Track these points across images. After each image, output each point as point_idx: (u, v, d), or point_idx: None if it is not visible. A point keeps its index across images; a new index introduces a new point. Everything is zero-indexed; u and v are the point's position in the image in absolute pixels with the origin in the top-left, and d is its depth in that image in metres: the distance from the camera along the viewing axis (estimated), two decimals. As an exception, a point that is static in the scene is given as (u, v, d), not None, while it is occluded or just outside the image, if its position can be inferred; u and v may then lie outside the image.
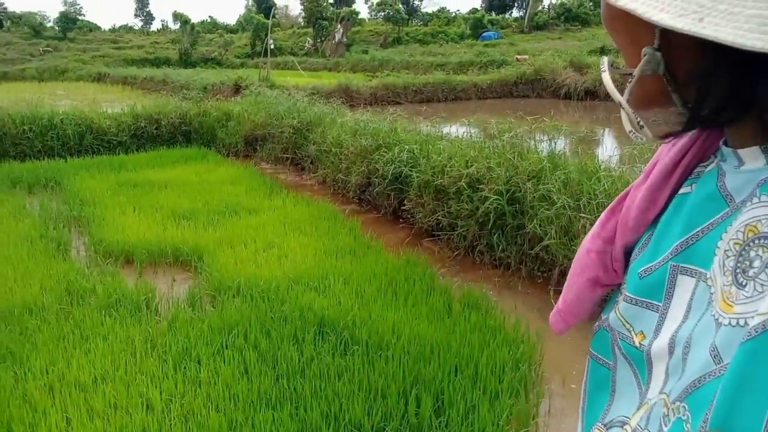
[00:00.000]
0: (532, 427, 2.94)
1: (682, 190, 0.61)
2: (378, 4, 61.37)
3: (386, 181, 6.66)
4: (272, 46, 21.73)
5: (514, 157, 5.58)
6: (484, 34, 47.29)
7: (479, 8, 60.77)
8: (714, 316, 0.49)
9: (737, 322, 0.45)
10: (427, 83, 19.97)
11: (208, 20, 74.08)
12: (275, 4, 57.89)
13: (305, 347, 3.36)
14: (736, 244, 0.49)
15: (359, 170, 7.31)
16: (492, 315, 3.95)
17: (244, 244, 5.29)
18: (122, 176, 7.96)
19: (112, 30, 67.90)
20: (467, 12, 61.51)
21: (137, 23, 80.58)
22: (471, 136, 7.21)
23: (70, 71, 31.53)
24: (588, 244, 0.70)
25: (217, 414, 2.81)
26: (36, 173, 8.00)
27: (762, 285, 0.45)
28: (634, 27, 0.52)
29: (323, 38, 43.75)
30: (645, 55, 0.52)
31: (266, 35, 22.53)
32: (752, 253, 0.47)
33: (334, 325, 3.61)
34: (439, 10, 68.55)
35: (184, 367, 3.20)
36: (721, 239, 0.52)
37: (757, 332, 0.41)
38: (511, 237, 5.15)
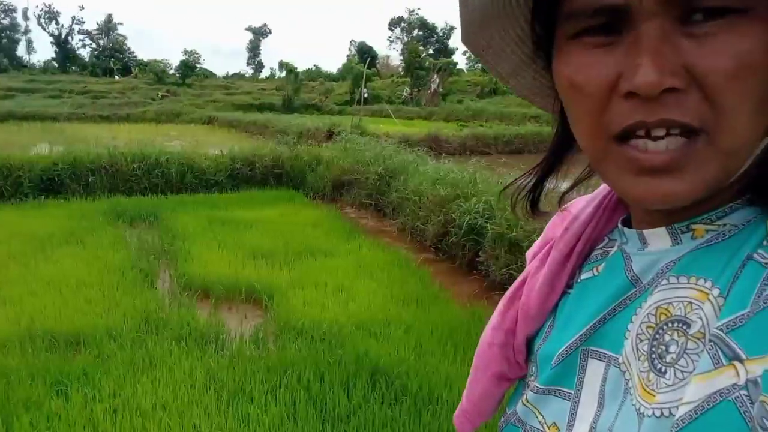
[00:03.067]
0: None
1: (584, 276, 0.59)
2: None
3: (462, 231, 6.65)
4: (366, 95, 22.49)
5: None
6: (584, 85, 46.51)
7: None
8: (635, 405, 0.47)
9: (662, 413, 0.43)
10: (518, 134, 19.86)
11: (313, 68, 77.93)
12: (376, 55, 60.15)
13: (355, 393, 3.38)
14: (648, 327, 0.48)
15: (436, 219, 7.34)
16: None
17: (315, 285, 5.43)
18: (214, 214, 8.43)
19: (226, 77, 72.91)
20: (567, 63, 60.76)
21: (248, 71, 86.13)
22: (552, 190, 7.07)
23: (184, 114, 34.00)
24: (488, 337, 0.67)
25: (260, 452, 2.88)
26: (139, 207, 8.64)
27: (683, 372, 0.44)
28: None
29: (420, 88, 44.75)
30: None
31: (362, 84, 23.40)
32: (667, 337, 0.46)
33: (387, 374, 3.62)
34: (538, 62, 68.23)
35: (237, 403, 3.31)
36: (632, 322, 0.50)
37: (684, 423, 0.40)
38: (583, 296, 4.96)
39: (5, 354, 3.91)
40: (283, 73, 49.37)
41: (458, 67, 57.77)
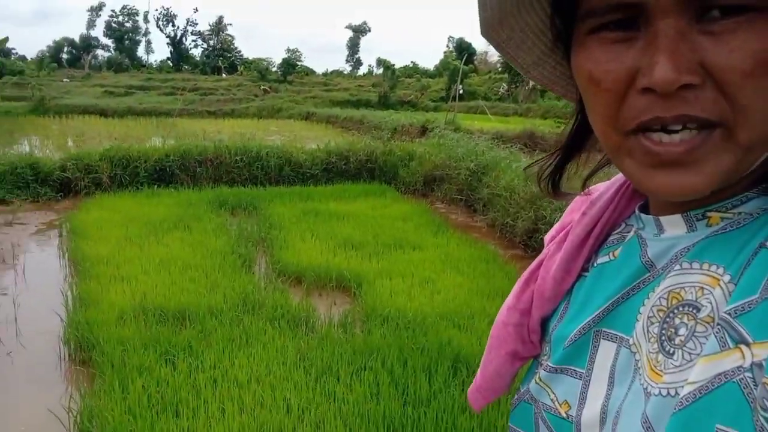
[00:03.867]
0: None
1: (601, 260, 0.61)
2: (578, 50, 59.93)
3: (552, 228, 6.56)
4: (461, 91, 22.40)
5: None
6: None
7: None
8: (643, 385, 0.48)
9: (668, 392, 0.45)
10: (620, 131, 19.04)
11: (410, 65, 78.29)
12: (474, 51, 59.58)
13: (436, 379, 3.48)
14: (660, 310, 0.49)
15: (527, 215, 7.28)
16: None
17: (402, 276, 5.57)
18: (308, 205, 8.79)
19: (325, 74, 74.82)
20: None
21: (347, 68, 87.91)
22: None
23: (284, 110, 35.30)
24: (504, 317, 0.69)
25: (344, 428, 3.05)
26: (239, 198, 9.16)
27: (690, 354, 0.45)
28: None
29: (518, 84, 43.89)
30: None
31: (459, 80, 23.34)
32: (677, 321, 0.47)
33: (468, 362, 3.69)
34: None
35: (324, 381, 3.50)
36: (644, 305, 0.52)
37: (688, 402, 0.42)
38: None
39: (122, 325, 4.34)
40: (381, 70, 49.99)
41: (558, 62, 56.01)
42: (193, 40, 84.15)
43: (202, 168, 10.59)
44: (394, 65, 46.60)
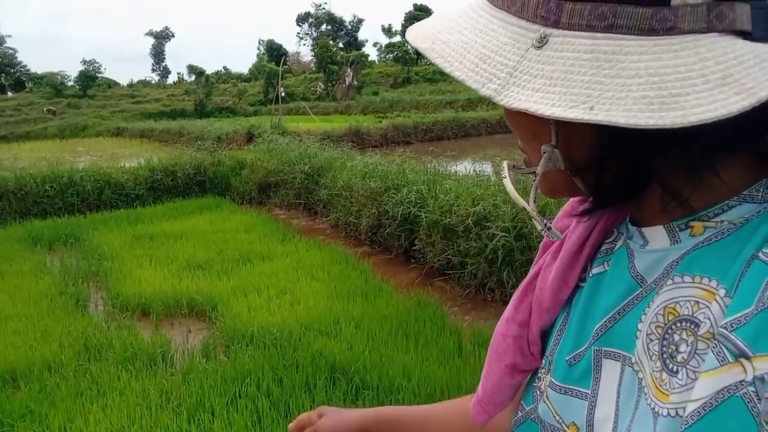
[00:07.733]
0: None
1: (595, 270, 0.60)
2: (387, 47, 62.80)
3: (396, 222, 6.75)
4: (283, 94, 22.22)
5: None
6: (493, 69, 47.82)
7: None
8: (650, 404, 0.48)
9: (676, 413, 0.45)
10: (437, 122, 20.26)
11: (223, 71, 75.99)
12: (286, 52, 59.46)
13: (317, 394, 3.40)
14: (657, 327, 0.50)
15: (369, 212, 7.41)
16: (503, 353, 3.96)
17: (257, 291, 5.37)
18: (139, 229, 8.14)
19: (130, 85, 69.92)
20: (475, 48, 62.55)
21: (154, 77, 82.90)
22: (477, 174, 7.31)
23: (90, 127, 32.37)
24: (503, 329, 0.68)
25: (230, 465, 2.85)
26: (56, 230, 8.20)
27: (694, 372, 0.45)
28: (534, 124, 0.52)
29: (334, 82, 44.66)
30: (545, 152, 0.52)
31: (277, 82, 23.08)
32: (676, 337, 0.48)
33: (345, 371, 3.65)
34: (447, 48, 69.60)
35: (198, 419, 3.25)
36: (641, 321, 0.52)
37: (693, 420, 0.42)
38: (520, 273, 5.17)
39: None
40: (192, 77, 48.00)
41: (370, 59, 58.11)
42: (-39, 56, 73.40)
43: (3, 202, 9.32)
44: (206, 71, 44.90)
